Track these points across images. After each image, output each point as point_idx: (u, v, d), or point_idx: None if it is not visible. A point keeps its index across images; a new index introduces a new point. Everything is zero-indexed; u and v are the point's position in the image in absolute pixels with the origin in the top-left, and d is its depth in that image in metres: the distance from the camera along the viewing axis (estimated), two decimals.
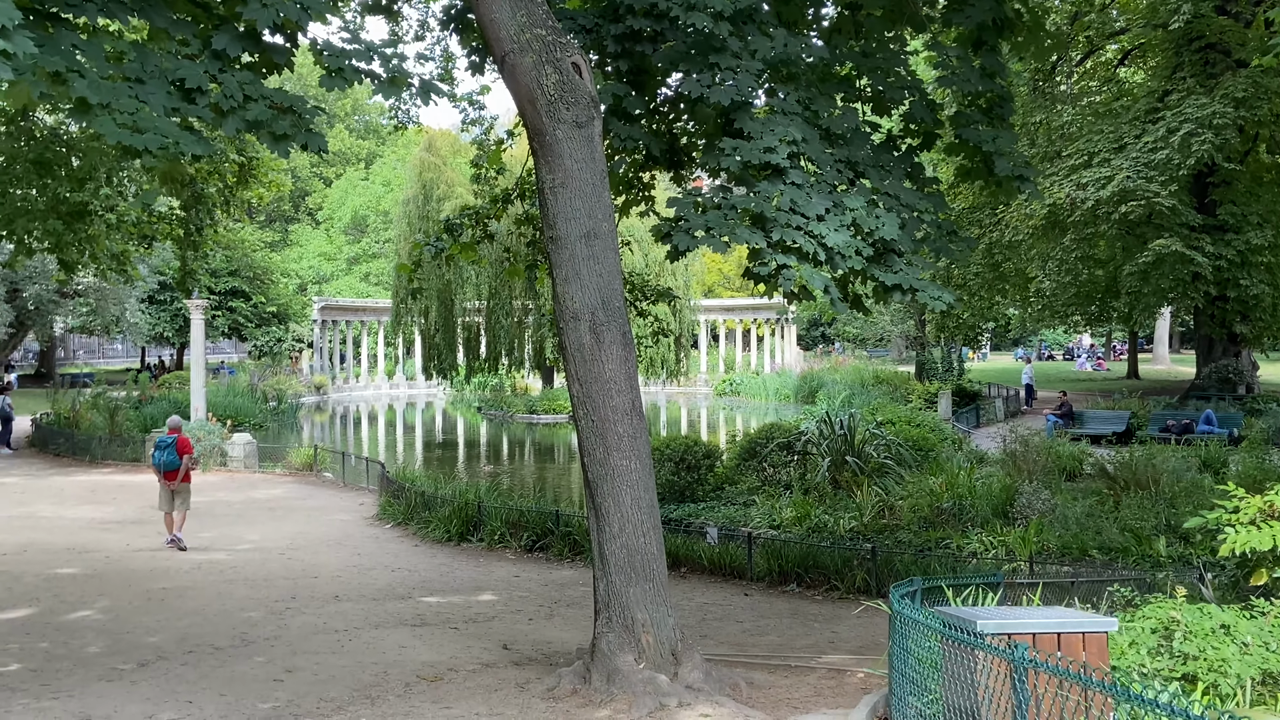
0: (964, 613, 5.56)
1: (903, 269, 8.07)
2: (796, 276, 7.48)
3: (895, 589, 7.03)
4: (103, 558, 15.62)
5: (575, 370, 8.01)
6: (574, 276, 7.92)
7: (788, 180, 7.90)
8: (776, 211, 7.67)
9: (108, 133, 5.75)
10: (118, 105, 5.80)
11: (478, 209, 14.90)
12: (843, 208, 7.98)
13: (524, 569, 15.93)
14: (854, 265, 7.82)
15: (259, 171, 33.19)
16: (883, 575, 14.01)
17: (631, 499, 7.99)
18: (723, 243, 7.57)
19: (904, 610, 5.95)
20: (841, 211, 7.94)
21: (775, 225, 7.63)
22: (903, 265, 8.09)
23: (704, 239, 7.60)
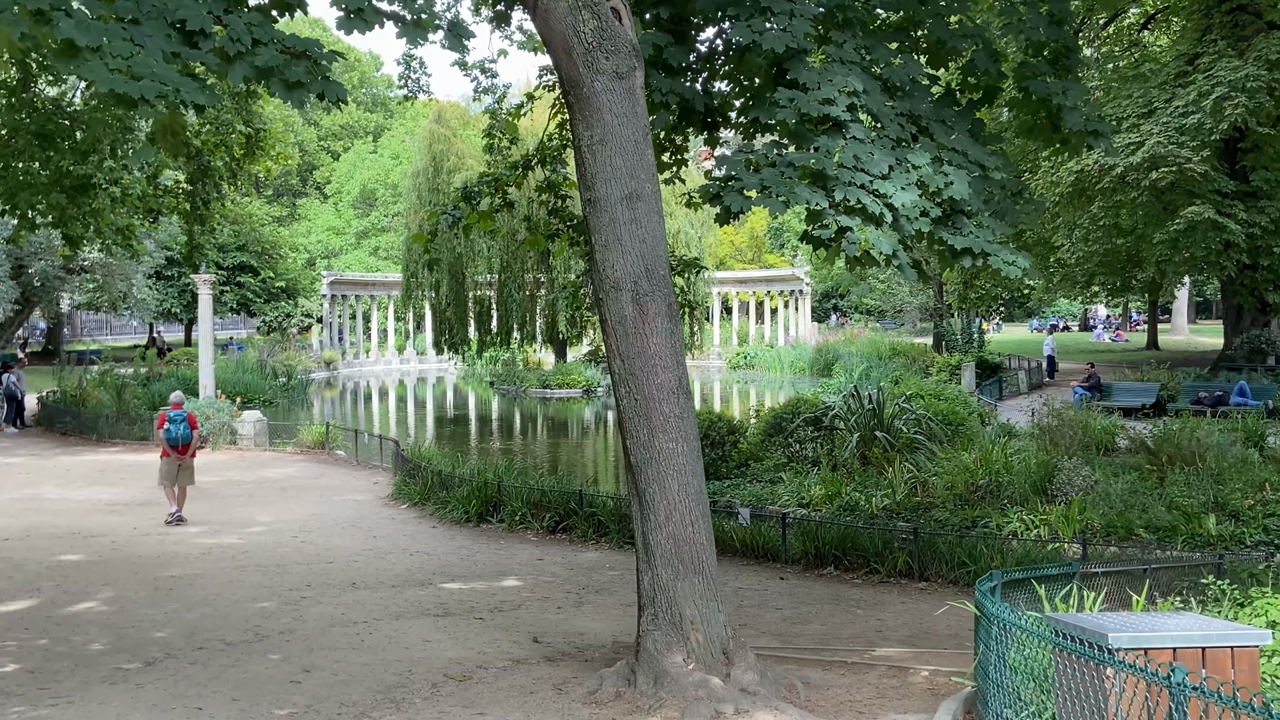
0: (1083, 621, 4.87)
1: (973, 231, 7.37)
2: (861, 240, 6.79)
3: (980, 585, 6.36)
4: (108, 543, 15.02)
5: (616, 345, 7.33)
6: (614, 242, 7.23)
7: (848, 135, 7.19)
8: (839, 169, 6.96)
9: (99, 80, 5.07)
10: (110, 49, 5.11)
11: (496, 175, 14.18)
12: (907, 165, 7.27)
13: (547, 551, 15.31)
14: (921, 227, 7.12)
15: (266, 143, 32.48)
16: (925, 558, 13.37)
17: (678, 485, 7.33)
18: (780, 203, 6.87)
19: (1003, 615, 5.27)
20: (906, 169, 7.24)
21: (837, 184, 6.93)
22: (973, 227, 7.39)
23: (760, 199, 6.90)
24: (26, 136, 26.76)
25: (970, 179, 7.38)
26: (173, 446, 17.00)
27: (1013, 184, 8.29)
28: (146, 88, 5.10)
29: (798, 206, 7.15)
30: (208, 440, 26.67)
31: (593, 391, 46.53)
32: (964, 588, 12.80)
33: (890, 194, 6.97)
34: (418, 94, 22.29)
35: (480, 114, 62.84)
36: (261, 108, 31.82)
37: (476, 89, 19.38)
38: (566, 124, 15.58)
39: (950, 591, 12.73)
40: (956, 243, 7.26)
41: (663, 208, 7.46)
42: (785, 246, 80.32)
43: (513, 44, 19.98)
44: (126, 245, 31.39)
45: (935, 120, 7.83)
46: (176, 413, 17.34)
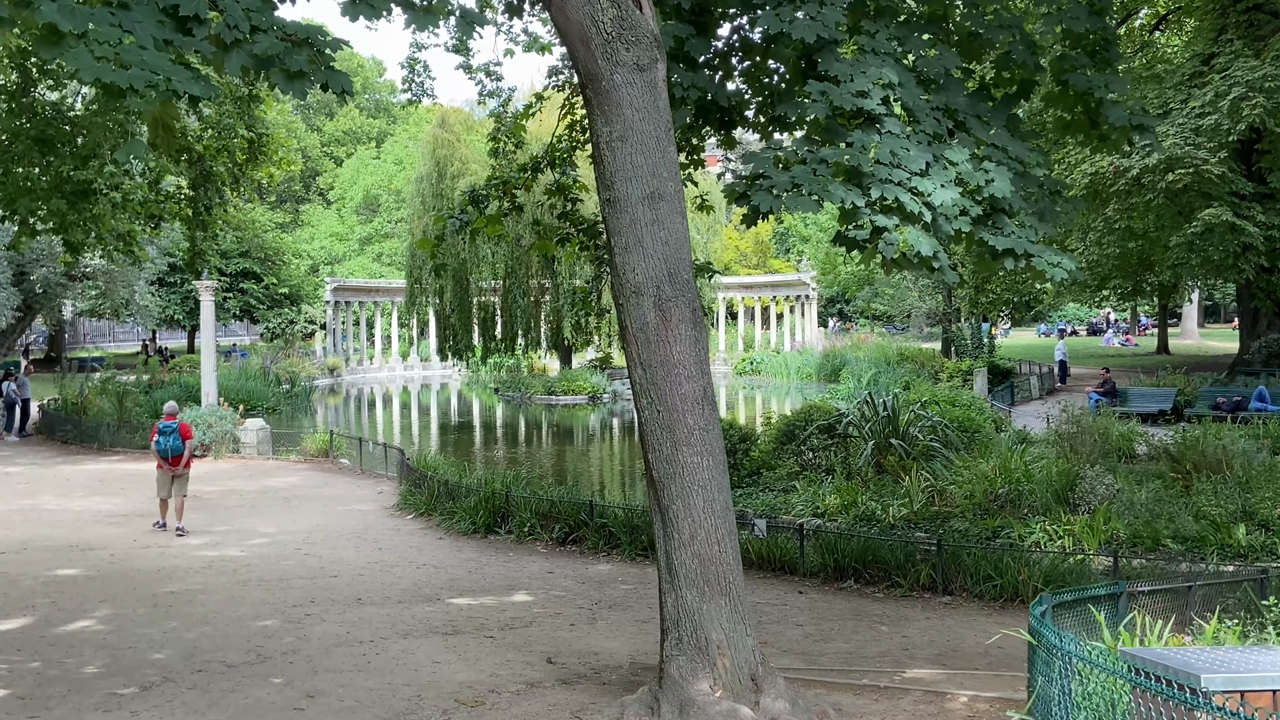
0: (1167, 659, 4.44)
1: (1014, 231, 6.95)
2: (899, 241, 6.37)
3: (1034, 610, 5.92)
4: (107, 556, 14.61)
5: (638, 353, 6.92)
6: (635, 244, 6.82)
7: (883, 130, 6.78)
8: (874, 165, 6.56)
9: (84, 68, 4.67)
10: (96, 35, 4.72)
11: (505, 178, 13.78)
12: (944, 161, 6.85)
13: (557, 564, 14.88)
14: (960, 227, 6.71)
15: (269, 148, 32.11)
16: (949, 571, 12.93)
17: (703, 501, 6.91)
18: (812, 202, 6.45)
19: (1070, 648, 4.83)
20: (943, 166, 6.82)
21: (873, 181, 6.52)
22: (1014, 227, 6.97)
23: (791, 199, 6.49)
24: (26, 142, 26.38)
25: (1010, 177, 6.97)
26: (164, 458, 16.87)
27: (1050, 182, 7.87)
28: (135, 76, 4.70)
29: (805, 213, 6.73)
30: (210, 449, 26.30)
31: (598, 398, 46.13)
32: (989, 602, 12.39)
33: (929, 192, 6.55)
34: (422, 97, 21.93)
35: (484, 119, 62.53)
36: (264, 112, 31.49)
37: (481, 92, 19.00)
38: (576, 125, 15.20)
39: (976, 606, 12.31)
40: (998, 243, 6.84)
41: (685, 208, 7.05)
42: (790, 251, 79.91)
43: (518, 45, 19.56)
44: (128, 251, 31.00)
45: (971, 115, 7.42)
46: (168, 424, 17.12)
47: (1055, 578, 12.36)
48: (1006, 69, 8.39)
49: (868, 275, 53.40)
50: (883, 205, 6.52)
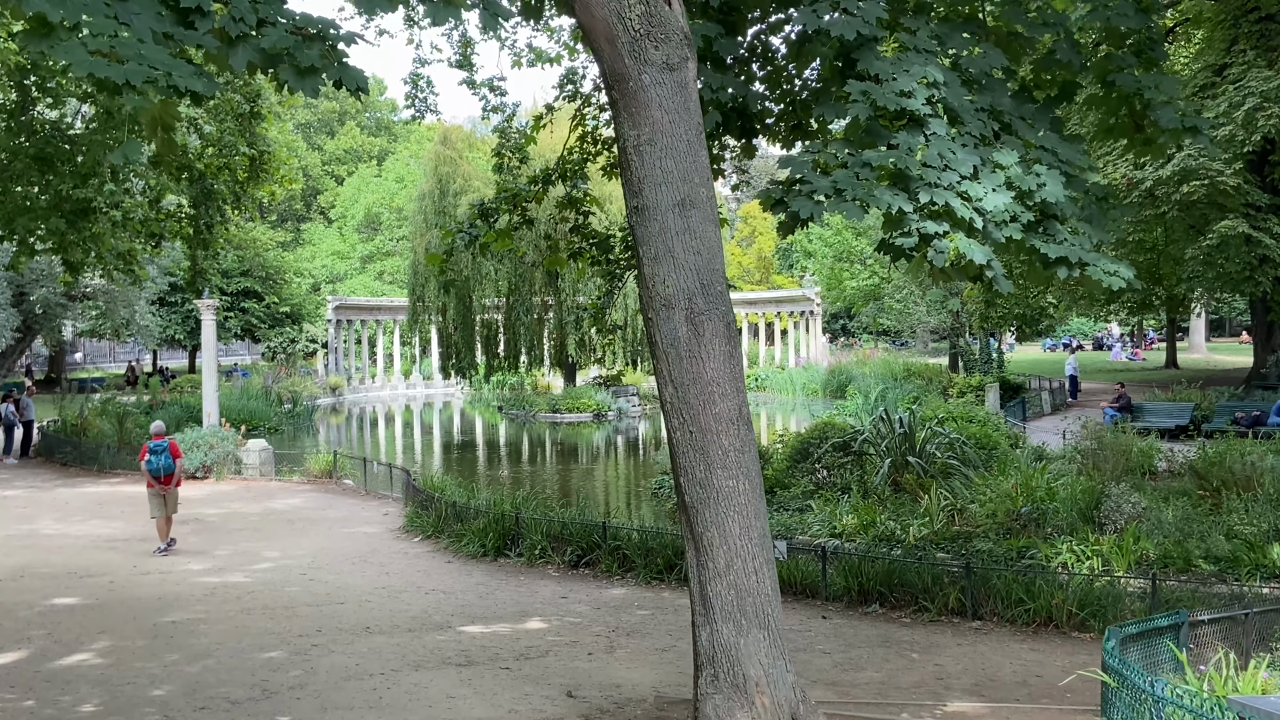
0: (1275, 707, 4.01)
1: (1067, 238, 6.54)
2: (950, 248, 5.96)
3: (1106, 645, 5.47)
4: (106, 583, 14.15)
5: (668, 370, 6.50)
6: (665, 254, 6.41)
7: (928, 131, 6.38)
8: (922, 168, 6.15)
9: (76, 62, 4.27)
10: (90, 27, 4.33)
11: (515, 191, 13.39)
12: (994, 165, 6.45)
13: (571, 588, 14.42)
14: (1011, 234, 6.30)
15: (270, 166, 31.77)
16: (978, 594, 12.47)
17: (740, 527, 6.48)
18: (856, 208, 6.04)
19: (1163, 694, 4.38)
20: (992, 169, 6.42)
21: (921, 185, 6.11)
22: (1066, 234, 6.57)
23: (833, 204, 6.08)
24: (25, 160, 26.03)
25: (1062, 181, 6.57)
26: (155, 478, 16.80)
27: (1097, 188, 7.46)
28: (133, 71, 4.30)
29: (851, 219, 6.32)
30: (212, 470, 25.86)
31: (603, 416, 45.71)
32: (1021, 627, 11.93)
33: (980, 196, 6.14)
34: (425, 113, 21.54)
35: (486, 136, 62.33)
36: (265, 130, 31.17)
37: (485, 108, 18.63)
38: (587, 138, 14.82)
39: (1008, 632, 11.85)
40: (1050, 251, 6.43)
41: (717, 215, 6.64)
42: (794, 267, 79.55)
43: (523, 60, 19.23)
44: (128, 270, 30.62)
45: (1016, 117, 7.02)
46: (157, 443, 17.11)
47: (1090, 601, 11.91)
48: (1048, 70, 8.00)
49: (874, 290, 53.02)
50: (930, 211, 6.11)
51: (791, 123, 10.67)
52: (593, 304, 15.08)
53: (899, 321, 46.49)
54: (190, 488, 24.62)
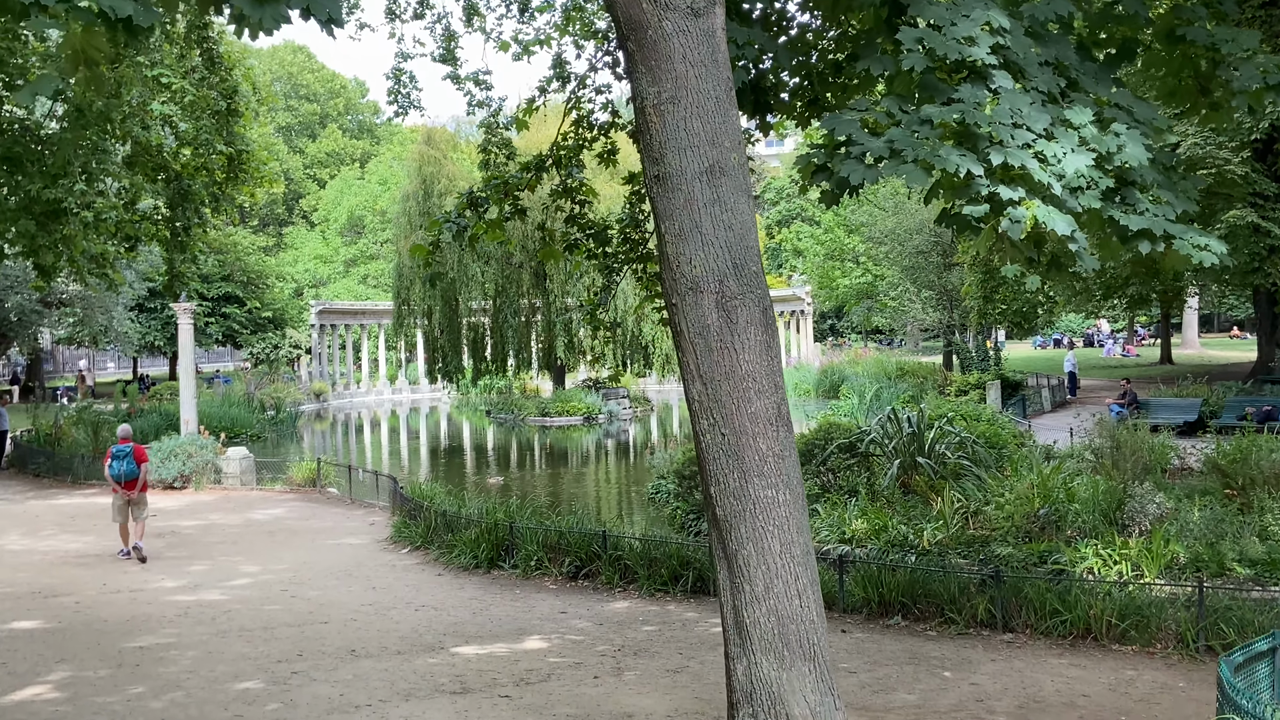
0: None
1: (1148, 208, 5.71)
2: (1027, 217, 5.12)
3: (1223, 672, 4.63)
4: (72, 604, 13.18)
5: (696, 364, 5.63)
6: (692, 230, 5.55)
7: (993, 85, 5.54)
8: (994, 124, 5.31)
9: None
10: None
11: (506, 179, 12.49)
12: (1066, 125, 5.61)
13: (570, 602, 13.53)
14: (1088, 203, 5.46)
15: (248, 165, 30.80)
16: (1009, 604, 11.63)
17: (780, 544, 5.62)
18: (917, 171, 5.16)
19: None
20: (1066, 129, 5.59)
21: (992, 145, 5.27)
22: (1147, 203, 5.74)
23: (889, 167, 5.22)
24: None
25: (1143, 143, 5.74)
26: (118, 483, 16.36)
27: (1164, 155, 6.61)
28: None
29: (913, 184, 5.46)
30: (190, 480, 24.89)
31: (593, 419, 44.82)
32: (1058, 640, 11.09)
33: (1059, 157, 5.31)
34: (408, 109, 20.64)
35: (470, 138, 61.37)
36: (243, 129, 30.20)
37: (470, 102, 17.80)
38: (581, 122, 13.93)
39: (1044, 645, 11.01)
40: (1131, 222, 5.59)
41: (750, 184, 5.78)
42: (783, 267, 78.80)
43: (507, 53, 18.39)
44: (101, 274, 29.58)
45: (1083, 73, 6.19)
46: (121, 448, 16.61)
47: (1131, 611, 11.09)
48: (1106, 25, 7.15)
49: (867, 288, 52.28)
50: (1003, 174, 5.28)
51: (808, 98, 9.84)
52: (588, 300, 14.19)
53: (894, 319, 45.75)
54: (168, 498, 23.66)
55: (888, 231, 43.40)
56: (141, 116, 26.09)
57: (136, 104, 25.73)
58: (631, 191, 13.69)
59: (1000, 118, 5.37)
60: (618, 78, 13.64)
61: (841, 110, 5.76)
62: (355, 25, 21.33)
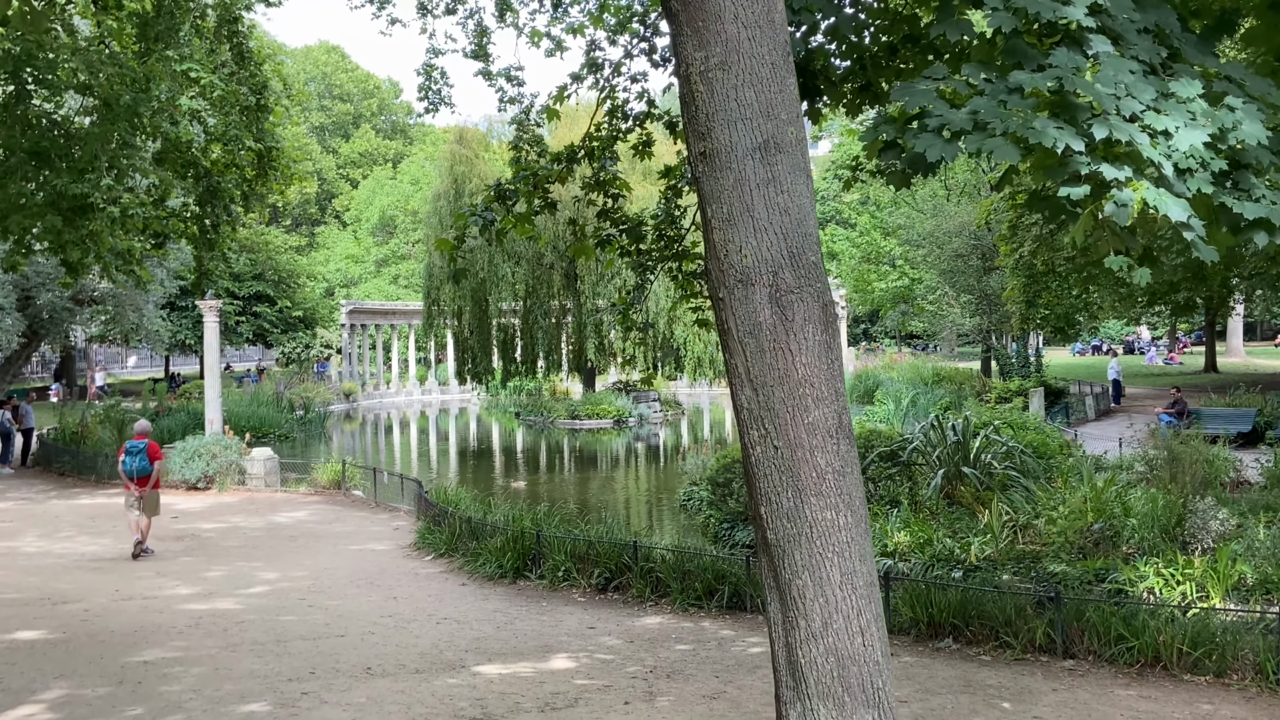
0: None
1: (1265, 194, 4.98)
2: (1135, 200, 4.42)
3: None
4: (80, 612, 12.64)
5: (745, 366, 4.94)
6: (742, 214, 4.86)
7: (1090, 50, 4.84)
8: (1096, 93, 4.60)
9: None
10: None
11: (536, 170, 11.82)
12: (1174, 98, 4.90)
13: (599, 616, 12.87)
14: (1199, 186, 4.74)
15: (278, 162, 30.39)
16: (1069, 628, 10.85)
17: (841, 573, 4.91)
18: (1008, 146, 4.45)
19: None
20: (1174, 104, 4.87)
21: (1094, 117, 4.56)
22: (1264, 189, 5.01)
23: (972, 141, 4.51)
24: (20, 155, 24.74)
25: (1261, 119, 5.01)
26: (130, 479, 16.29)
27: None
28: None
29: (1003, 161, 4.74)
30: (214, 481, 24.44)
31: (623, 422, 44.15)
32: (1123, 669, 10.30)
33: (1171, 133, 4.60)
34: (439, 106, 20.14)
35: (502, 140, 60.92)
36: (273, 125, 29.80)
37: (502, 98, 17.27)
38: (616, 112, 13.26)
39: (1108, 674, 10.23)
40: (1246, 210, 4.86)
41: (809, 164, 5.09)
42: None
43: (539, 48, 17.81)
44: (129, 271, 29.24)
45: (1184, 43, 5.46)
46: (136, 443, 16.48)
47: (1204, 638, 10.29)
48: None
49: (903, 292, 51.34)
50: (1106, 150, 4.57)
51: (859, 83, 9.13)
52: (620, 299, 13.49)
53: (932, 324, 44.76)
54: (191, 499, 23.23)
55: (926, 234, 42.48)
56: (170, 112, 25.75)
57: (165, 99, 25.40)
58: (667, 186, 13.02)
59: (1103, 86, 4.65)
60: (654, 65, 12.98)
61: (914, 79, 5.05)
62: (386, 20, 20.85)
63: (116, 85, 23.36)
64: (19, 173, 25.57)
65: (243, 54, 29.66)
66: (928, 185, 49.39)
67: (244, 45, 29.75)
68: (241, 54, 29.60)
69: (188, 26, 26.97)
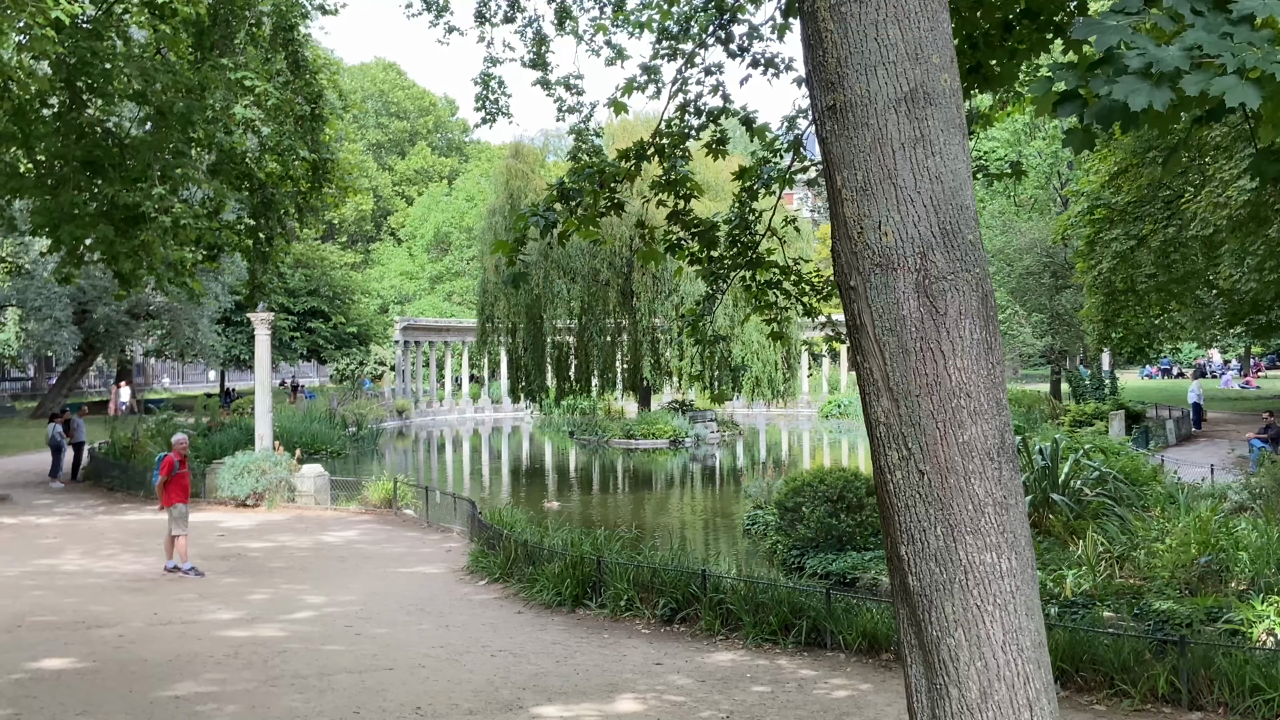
0: None
1: None
2: None
3: None
4: (113, 639, 11.87)
5: (883, 370, 3.98)
6: (883, 181, 3.91)
7: None
8: None
9: None
10: None
11: (603, 167, 10.92)
12: None
13: (665, 651, 11.88)
14: None
15: (333, 173, 29.90)
16: (1195, 677, 9.70)
17: (1004, 632, 3.92)
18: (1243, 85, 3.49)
19: None
20: None
21: None
22: None
23: (1195, 81, 3.54)
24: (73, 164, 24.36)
25: None
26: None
27: None
28: None
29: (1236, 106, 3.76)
30: (263, 498, 23.79)
31: (680, 442, 43.16)
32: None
33: None
34: (496, 116, 19.41)
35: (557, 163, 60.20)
36: (329, 137, 29.33)
37: (560, 108, 16.51)
38: (687, 107, 12.39)
39: None
40: None
41: (965, 121, 4.12)
42: None
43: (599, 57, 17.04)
44: (180, 283, 28.84)
45: None
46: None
47: None
48: None
49: None
50: None
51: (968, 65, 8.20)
52: (690, 310, 12.55)
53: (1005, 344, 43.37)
54: (239, 516, 22.60)
55: (995, 250, 41.13)
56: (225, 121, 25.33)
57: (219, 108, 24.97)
58: (742, 188, 12.08)
59: None
60: (730, 55, 12.10)
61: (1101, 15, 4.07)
62: (444, 29, 20.21)
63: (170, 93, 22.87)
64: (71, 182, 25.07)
65: (298, 63, 29.14)
66: (995, 200, 47.99)
67: (299, 54, 29.23)
68: (297, 63, 29.08)
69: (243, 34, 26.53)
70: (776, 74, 12.10)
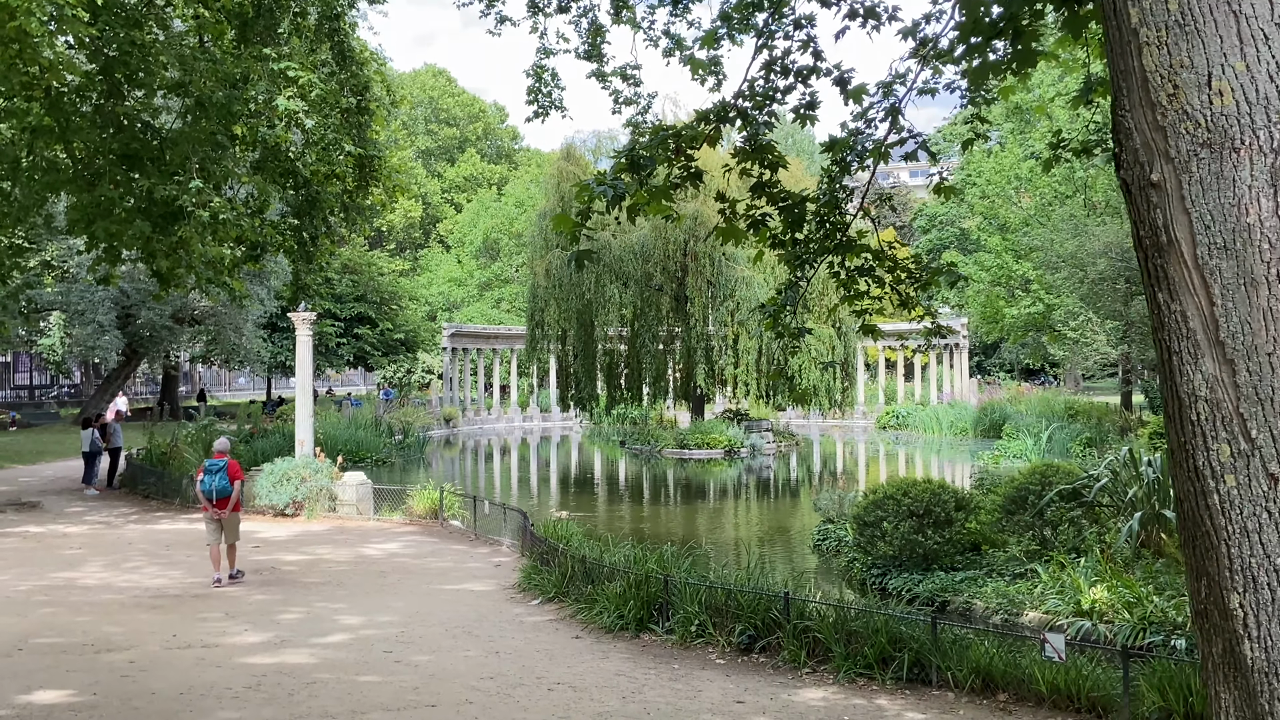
0: None
1: None
2: None
3: None
4: (122, 665, 10.54)
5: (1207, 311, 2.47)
6: (1215, 10, 2.44)
7: None
8: None
9: None
10: None
11: (679, 130, 9.48)
12: None
13: (745, 685, 10.37)
14: None
15: (379, 171, 28.77)
16: None
17: None
18: None
19: None
20: None
21: None
22: None
23: None
24: (110, 158, 23.29)
25: None
26: (209, 500, 15.19)
27: None
28: None
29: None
30: (303, 507, 22.56)
31: (735, 452, 41.59)
32: None
33: None
34: (549, 110, 17.94)
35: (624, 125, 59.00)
36: (376, 133, 28.20)
37: (616, 100, 15.11)
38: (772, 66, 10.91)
39: None
40: None
41: None
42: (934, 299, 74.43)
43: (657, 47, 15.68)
44: (220, 282, 27.77)
45: None
46: (214, 462, 15.52)
47: None
48: None
49: (1038, 319, 47.91)
50: None
51: None
52: (771, 300, 11.02)
53: (1074, 352, 41.25)
54: (277, 526, 21.36)
55: (1067, 255, 39.21)
56: (268, 114, 24.24)
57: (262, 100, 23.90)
58: (832, 162, 10.58)
59: None
60: (823, 3, 10.59)
61: None
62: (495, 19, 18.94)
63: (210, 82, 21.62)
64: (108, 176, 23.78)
65: (344, 53, 27.89)
66: (1067, 205, 46.02)
67: (345, 44, 27.98)
68: (343, 53, 27.83)
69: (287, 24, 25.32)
70: (878, 26, 10.55)
